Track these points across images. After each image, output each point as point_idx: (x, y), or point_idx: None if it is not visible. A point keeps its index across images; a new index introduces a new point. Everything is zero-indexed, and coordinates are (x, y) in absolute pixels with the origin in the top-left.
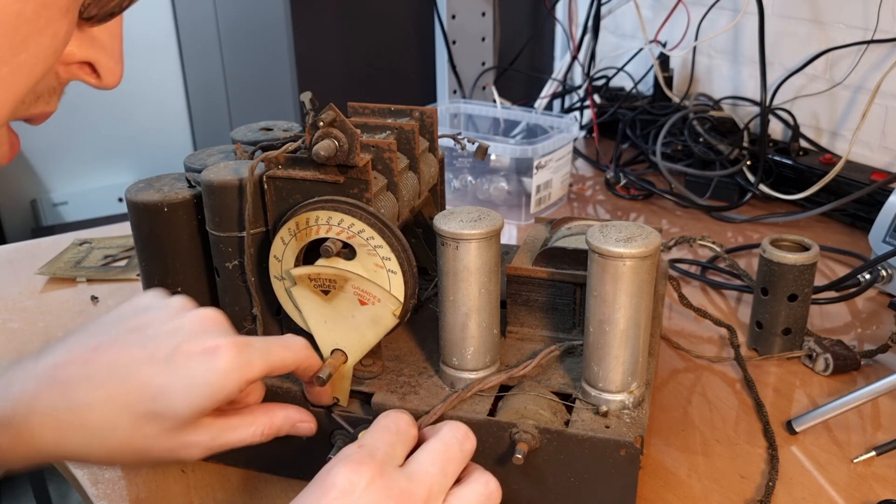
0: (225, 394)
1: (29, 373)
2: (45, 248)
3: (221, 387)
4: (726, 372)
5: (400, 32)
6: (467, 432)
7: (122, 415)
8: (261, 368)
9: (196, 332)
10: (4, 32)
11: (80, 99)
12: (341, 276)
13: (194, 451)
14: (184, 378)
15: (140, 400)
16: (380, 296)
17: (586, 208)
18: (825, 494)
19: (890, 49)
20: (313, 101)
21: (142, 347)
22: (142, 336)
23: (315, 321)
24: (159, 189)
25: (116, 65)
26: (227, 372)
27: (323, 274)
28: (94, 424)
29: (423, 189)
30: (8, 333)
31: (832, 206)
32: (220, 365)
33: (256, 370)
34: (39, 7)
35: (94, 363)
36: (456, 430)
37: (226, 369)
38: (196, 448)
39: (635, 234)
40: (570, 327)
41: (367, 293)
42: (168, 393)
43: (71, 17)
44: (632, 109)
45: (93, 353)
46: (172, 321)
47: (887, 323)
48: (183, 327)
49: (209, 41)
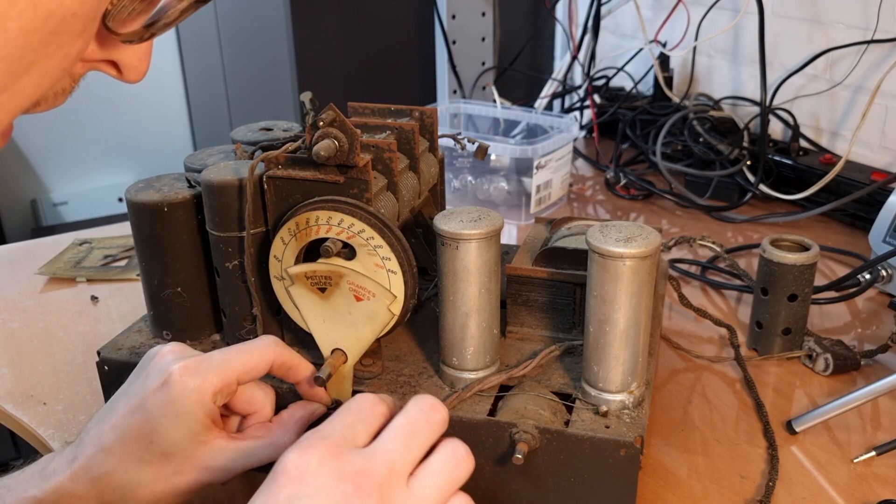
0: (198, 416)
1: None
2: (45, 248)
3: (188, 410)
4: (726, 372)
5: (400, 32)
6: (434, 403)
7: (139, 470)
8: (219, 380)
9: (157, 371)
10: (6, 64)
11: (80, 99)
12: (336, 272)
13: (219, 475)
14: (160, 413)
15: (147, 451)
16: (374, 290)
17: (586, 208)
18: (825, 494)
19: (890, 49)
20: (313, 101)
21: (126, 400)
22: (125, 394)
23: (313, 320)
24: (159, 189)
25: (142, 63)
26: (184, 397)
27: (318, 271)
28: (123, 489)
29: (423, 189)
30: (8, 333)
31: (832, 206)
32: (174, 392)
33: (215, 383)
34: (48, 35)
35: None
36: (422, 402)
37: (180, 395)
38: (220, 472)
39: (635, 234)
40: (570, 327)
41: (362, 288)
42: (158, 430)
43: (87, 35)
44: (632, 109)
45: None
46: (144, 369)
47: (887, 323)
48: (149, 372)
49: (209, 41)
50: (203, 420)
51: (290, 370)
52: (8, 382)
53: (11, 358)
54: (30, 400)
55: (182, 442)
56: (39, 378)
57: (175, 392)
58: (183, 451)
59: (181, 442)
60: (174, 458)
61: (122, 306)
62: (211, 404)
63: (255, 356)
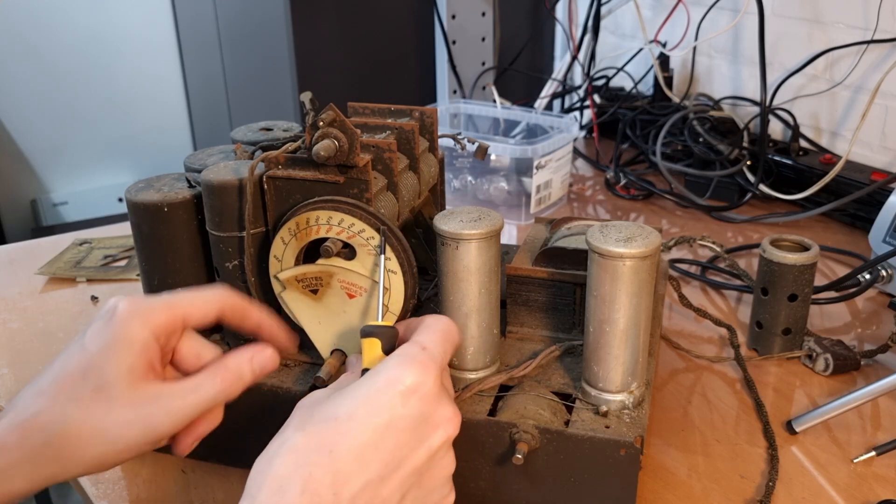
0: (137, 348)
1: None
2: (45, 248)
3: (128, 339)
4: (726, 372)
5: (400, 32)
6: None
7: (67, 406)
8: (165, 315)
9: (104, 311)
10: None
11: (80, 99)
12: (326, 271)
13: (165, 418)
14: (99, 347)
15: (79, 386)
16: (366, 286)
17: (586, 208)
18: (825, 494)
19: (890, 49)
20: (313, 101)
21: (69, 345)
22: (70, 342)
23: (309, 323)
24: (159, 189)
25: None
26: (126, 320)
27: (308, 273)
28: (48, 431)
29: (423, 189)
30: (8, 333)
31: (832, 206)
32: (115, 324)
33: (160, 315)
34: None
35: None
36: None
37: (121, 325)
38: (166, 415)
39: (635, 234)
40: (570, 327)
41: (354, 285)
42: (93, 366)
43: None
44: (632, 109)
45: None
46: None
47: (887, 323)
48: (96, 315)
49: (209, 41)
50: (142, 355)
51: (243, 312)
52: (8, 382)
53: (11, 358)
54: None
55: (117, 375)
56: None
57: (117, 323)
58: (117, 386)
59: (116, 374)
60: (107, 395)
61: None
62: (152, 340)
63: (204, 296)
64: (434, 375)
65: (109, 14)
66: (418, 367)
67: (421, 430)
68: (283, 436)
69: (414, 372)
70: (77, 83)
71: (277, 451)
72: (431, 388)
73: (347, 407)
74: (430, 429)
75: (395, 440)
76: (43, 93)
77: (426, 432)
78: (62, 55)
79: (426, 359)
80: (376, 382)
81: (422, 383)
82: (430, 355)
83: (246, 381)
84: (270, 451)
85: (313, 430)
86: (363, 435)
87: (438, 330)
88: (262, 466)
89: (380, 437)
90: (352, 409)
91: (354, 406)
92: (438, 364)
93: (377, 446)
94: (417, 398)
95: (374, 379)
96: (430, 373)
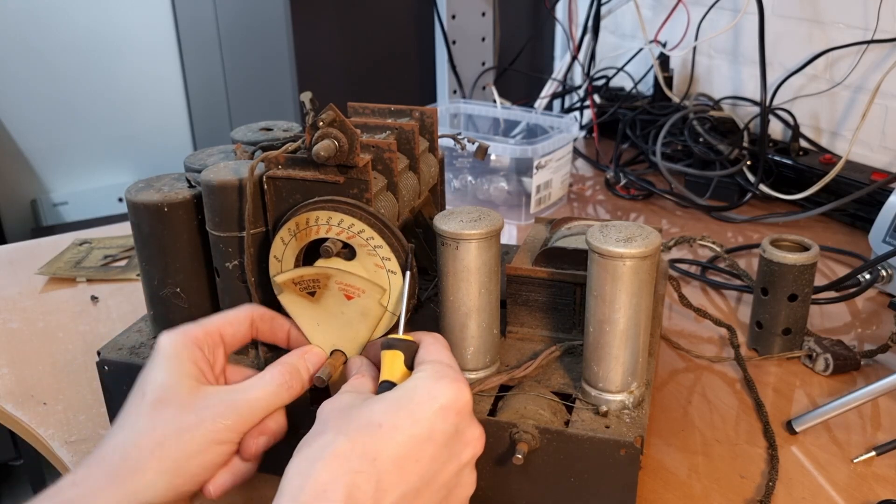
0: (183, 358)
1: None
2: (45, 248)
3: (175, 352)
4: (726, 372)
5: (400, 32)
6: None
7: (135, 421)
8: (201, 330)
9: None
10: None
11: (80, 99)
12: (323, 273)
13: (231, 412)
14: (149, 368)
15: (140, 402)
16: (363, 287)
17: (586, 208)
18: (825, 494)
19: (890, 49)
20: (313, 101)
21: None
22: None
23: (308, 325)
24: (159, 189)
25: None
26: (167, 343)
27: (306, 275)
28: (123, 449)
29: (423, 189)
30: (8, 333)
31: (832, 206)
32: (160, 348)
33: (195, 329)
34: None
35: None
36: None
37: (165, 346)
38: (231, 409)
39: (635, 234)
40: (570, 327)
41: (351, 286)
42: (148, 380)
43: None
44: (632, 109)
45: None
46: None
47: (887, 323)
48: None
49: (209, 41)
50: (191, 362)
51: (272, 322)
52: (8, 382)
53: (11, 358)
54: (30, 400)
55: (171, 383)
56: (39, 378)
57: (160, 349)
58: (175, 393)
59: (170, 383)
60: (169, 403)
61: (122, 306)
62: (196, 350)
63: (234, 311)
64: (468, 394)
65: (109, 14)
66: (455, 385)
67: (454, 446)
68: (322, 438)
69: (453, 388)
70: (77, 83)
71: (321, 454)
72: (465, 405)
73: (390, 416)
74: (461, 446)
75: (431, 454)
76: (43, 93)
77: (458, 449)
78: (62, 55)
79: (459, 376)
80: (416, 395)
81: (458, 400)
82: (458, 372)
83: (302, 376)
84: (310, 453)
85: (357, 436)
86: (405, 446)
87: (445, 347)
88: (301, 467)
89: (420, 450)
90: (394, 419)
91: (397, 416)
92: (466, 381)
93: (417, 458)
94: (454, 414)
95: (413, 392)
96: (465, 391)
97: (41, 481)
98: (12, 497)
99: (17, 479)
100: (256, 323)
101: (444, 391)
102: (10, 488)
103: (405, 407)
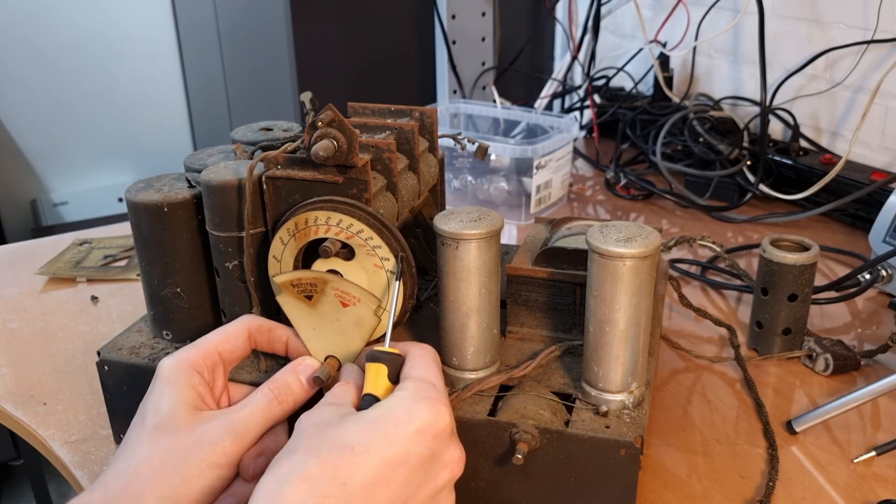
0: (181, 383)
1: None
2: (45, 248)
3: (172, 378)
4: (726, 372)
5: (400, 32)
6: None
7: (135, 448)
8: (197, 351)
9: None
10: None
11: (80, 99)
12: (321, 278)
13: (227, 433)
14: (149, 394)
15: (139, 428)
16: (359, 295)
17: (586, 208)
18: (825, 494)
19: (890, 49)
20: (313, 101)
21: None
22: None
23: (304, 328)
24: (159, 189)
25: None
26: (165, 368)
27: (304, 279)
28: (125, 476)
29: (423, 189)
30: (8, 333)
31: (832, 206)
32: (158, 370)
33: (192, 352)
34: None
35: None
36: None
37: (163, 371)
38: (227, 429)
39: (635, 234)
40: (570, 327)
41: (348, 294)
42: (147, 406)
43: None
44: (632, 109)
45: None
46: None
47: (887, 323)
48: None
49: (209, 41)
50: (189, 388)
51: (269, 333)
52: (8, 382)
53: (11, 358)
54: (30, 400)
55: (169, 409)
56: (39, 378)
57: (158, 375)
58: (173, 419)
59: (168, 409)
60: (167, 430)
61: (122, 306)
62: (194, 374)
63: (230, 325)
64: (448, 416)
65: (109, 14)
66: (434, 407)
67: (429, 469)
68: (293, 459)
69: (431, 411)
70: (77, 83)
71: (290, 477)
72: (444, 428)
73: (363, 438)
74: (438, 468)
75: (404, 478)
76: (43, 93)
77: (434, 472)
78: (62, 55)
79: (440, 397)
80: (393, 416)
81: (436, 423)
82: (440, 392)
83: (295, 390)
84: (281, 474)
85: (327, 457)
86: (376, 469)
87: (433, 362)
88: (271, 489)
89: (392, 473)
90: (368, 441)
91: (370, 438)
92: (448, 402)
93: (388, 482)
94: (431, 437)
95: (390, 412)
96: (445, 413)
97: (41, 481)
98: (12, 497)
99: (17, 479)
100: (254, 335)
101: (422, 413)
102: (10, 488)
103: (380, 429)
